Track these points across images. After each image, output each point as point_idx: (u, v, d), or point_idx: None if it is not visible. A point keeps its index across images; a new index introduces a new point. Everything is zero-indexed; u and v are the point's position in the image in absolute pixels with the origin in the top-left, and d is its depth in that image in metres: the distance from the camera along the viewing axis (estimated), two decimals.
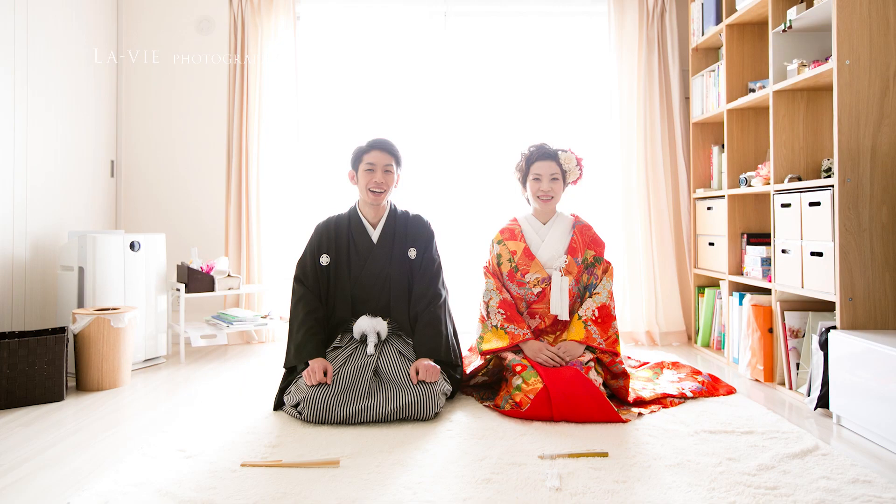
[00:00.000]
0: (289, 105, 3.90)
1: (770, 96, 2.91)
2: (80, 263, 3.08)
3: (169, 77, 3.97)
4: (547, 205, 2.74)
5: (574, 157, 2.75)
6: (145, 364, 3.24)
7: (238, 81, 3.86)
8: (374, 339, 2.49)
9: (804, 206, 2.62)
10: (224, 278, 3.49)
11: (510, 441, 2.11)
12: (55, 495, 1.74)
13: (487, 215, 3.85)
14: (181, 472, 1.87)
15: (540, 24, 4.06)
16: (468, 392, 2.68)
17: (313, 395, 2.28)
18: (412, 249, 2.66)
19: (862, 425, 2.21)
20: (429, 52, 4.01)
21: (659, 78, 3.87)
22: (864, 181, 2.44)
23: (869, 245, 2.42)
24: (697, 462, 1.93)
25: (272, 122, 3.89)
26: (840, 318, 2.40)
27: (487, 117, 4.05)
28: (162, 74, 3.96)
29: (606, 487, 1.76)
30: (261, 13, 3.86)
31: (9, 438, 2.20)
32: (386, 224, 2.67)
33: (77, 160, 3.55)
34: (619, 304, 3.77)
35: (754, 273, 3.08)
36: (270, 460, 1.95)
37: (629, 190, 3.86)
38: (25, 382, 2.58)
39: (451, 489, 1.76)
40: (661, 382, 2.75)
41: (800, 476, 1.83)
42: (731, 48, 3.37)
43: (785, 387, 2.75)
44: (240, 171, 3.87)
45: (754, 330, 2.89)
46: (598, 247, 2.76)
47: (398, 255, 2.64)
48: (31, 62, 3.13)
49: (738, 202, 3.32)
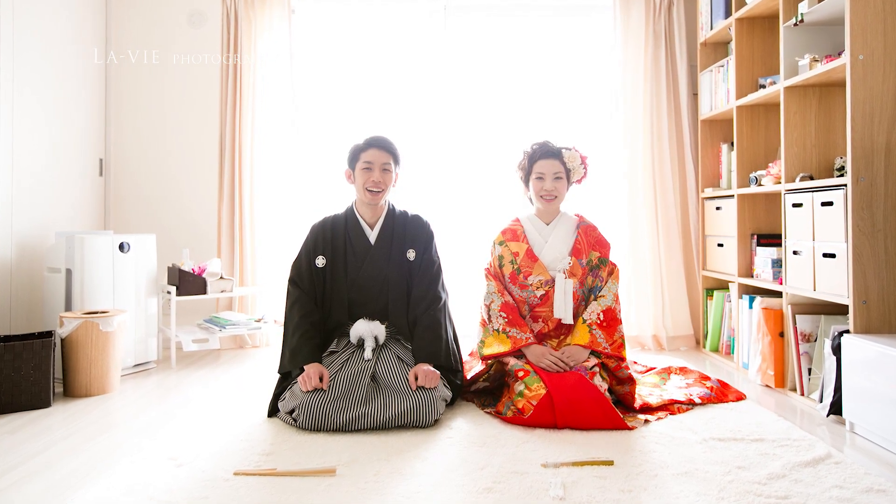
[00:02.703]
0: (284, 101, 3.90)
1: (781, 92, 2.92)
2: (67, 265, 3.08)
3: (159, 73, 3.97)
4: (550, 205, 2.73)
5: (578, 155, 2.74)
6: (135, 369, 3.24)
7: (231, 77, 3.87)
8: (371, 343, 2.49)
9: (816, 206, 2.62)
10: (216, 280, 3.49)
11: (512, 449, 2.11)
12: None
13: (488, 215, 3.86)
14: (173, 481, 1.87)
15: (542, 17, 4.06)
16: (469, 398, 2.68)
17: (308, 401, 2.28)
18: (411, 251, 2.66)
19: (876, 433, 2.21)
20: (428, 48, 4.01)
21: (666, 73, 3.88)
22: (879, 180, 2.43)
23: (883, 246, 2.42)
24: (706, 471, 1.93)
25: (266, 118, 3.89)
26: (853, 321, 2.40)
27: (488, 114, 4.06)
28: (152, 70, 3.96)
29: (611, 497, 1.76)
30: (254, 6, 3.87)
31: None
32: (384, 224, 2.67)
33: (64, 158, 3.55)
34: (625, 308, 3.76)
35: (765, 275, 3.08)
36: (265, 469, 1.95)
37: (635, 189, 3.87)
38: (11, 388, 2.58)
39: (451, 499, 1.76)
40: (669, 388, 2.75)
41: (811, 485, 1.83)
42: (740, 43, 3.38)
43: (796, 393, 2.75)
44: (233, 170, 3.87)
45: (765, 334, 2.89)
46: (603, 248, 2.75)
47: (396, 256, 2.64)
48: (18, 59, 3.14)
49: (747, 202, 3.33)
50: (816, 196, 2.62)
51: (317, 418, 2.26)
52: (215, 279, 3.49)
